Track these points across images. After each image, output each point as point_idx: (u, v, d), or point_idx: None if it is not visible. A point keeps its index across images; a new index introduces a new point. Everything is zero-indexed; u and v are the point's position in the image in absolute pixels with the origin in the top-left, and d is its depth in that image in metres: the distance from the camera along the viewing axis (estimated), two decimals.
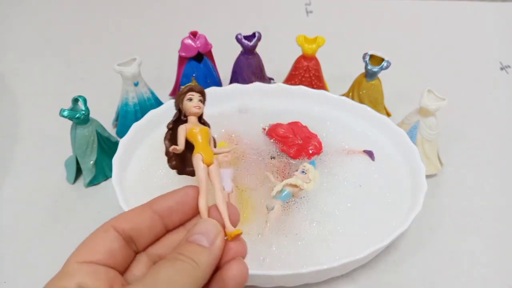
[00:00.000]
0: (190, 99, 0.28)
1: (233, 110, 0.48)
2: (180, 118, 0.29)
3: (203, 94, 0.29)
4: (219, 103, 0.48)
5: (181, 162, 0.29)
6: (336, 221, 0.38)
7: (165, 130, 0.29)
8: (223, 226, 0.24)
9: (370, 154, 0.43)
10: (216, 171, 0.27)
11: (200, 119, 0.29)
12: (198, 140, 0.27)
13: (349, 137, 0.46)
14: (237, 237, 0.24)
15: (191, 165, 0.27)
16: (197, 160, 0.26)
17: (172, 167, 0.28)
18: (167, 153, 0.28)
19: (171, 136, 0.28)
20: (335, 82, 0.55)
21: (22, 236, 0.41)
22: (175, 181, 0.41)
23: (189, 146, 0.27)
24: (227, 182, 0.39)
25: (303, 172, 0.39)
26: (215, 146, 0.30)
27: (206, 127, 0.28)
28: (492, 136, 0.53)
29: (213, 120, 0.31)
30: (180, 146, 0.27)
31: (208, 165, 0.26)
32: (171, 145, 0.27)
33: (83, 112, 0.41)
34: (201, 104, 0.28)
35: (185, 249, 0.23)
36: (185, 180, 0.29)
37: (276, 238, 0.36)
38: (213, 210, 0.25)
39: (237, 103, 0.48)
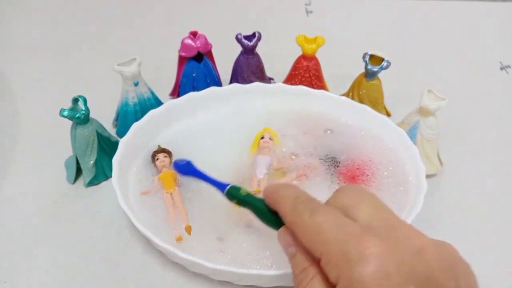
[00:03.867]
0: (157, 158, 0.42)
1: (232, 111, 0.48)
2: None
3: (165, 151, 0.43)
4: (219, 103, 0.48)
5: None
6: None
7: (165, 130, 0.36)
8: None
9: None
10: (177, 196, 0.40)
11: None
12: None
13: (349, 137, 0.46)
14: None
15: None
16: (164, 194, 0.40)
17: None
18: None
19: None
20: (335, 82, 0.55)
21: (22, 236, 0.41)
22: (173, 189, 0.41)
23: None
24: (261, 169, 0.41)
25: None
26: None
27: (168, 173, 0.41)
28: (492, 136, 0.53)
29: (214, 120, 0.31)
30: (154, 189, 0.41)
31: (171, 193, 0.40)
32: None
33: (83, 112, 0.41)
34: (165, 159, 0.42)
35: None
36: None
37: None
38: None
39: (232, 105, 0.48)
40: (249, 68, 0.52)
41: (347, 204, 0.25)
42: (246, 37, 0.50)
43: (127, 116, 0.48)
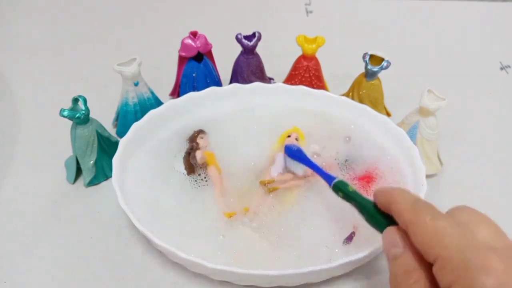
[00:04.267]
0: (202, 137, 0.45)
1: (232, 110, 0.48)
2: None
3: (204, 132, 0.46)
4: (219, 103, 0.48)
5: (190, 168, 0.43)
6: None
7: (165, 130, 0.42)
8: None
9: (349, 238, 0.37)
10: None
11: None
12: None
13: (349, 137, 0.46)
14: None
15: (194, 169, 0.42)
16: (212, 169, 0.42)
17: (188, 173, 0.42)
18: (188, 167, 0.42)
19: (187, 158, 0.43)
20: (335, 82, 0.56)
21: (22, 236, 0.41)
22: (175, 180, 0.41)
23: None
24: (278, 167, 0.42)
25: None
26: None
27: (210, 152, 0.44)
28: (492, 136, 0.53)
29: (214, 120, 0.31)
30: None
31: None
32: (188, 163, 0.43)
33: (83, 112, 0.41)
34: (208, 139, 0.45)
35: None
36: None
37: (276, 236, 0.37)
38: None
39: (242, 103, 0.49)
40: (249, 68, 0.52)
41: (467, 220, 0.25)
42: (246, 37, 0.50)
43: (127, 116, 0.48)
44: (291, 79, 0.53)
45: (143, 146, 0.44)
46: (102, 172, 0.45)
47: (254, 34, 0.50)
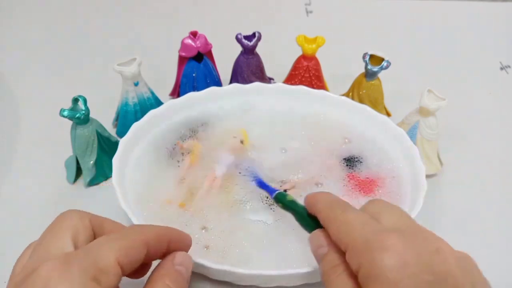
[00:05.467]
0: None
1: (233, 109, 0.48)
2: None
3: None
4: (219, 103, 0.48)
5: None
6: None
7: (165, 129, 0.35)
8: None
9: None
10: None
11: None
12: None
13: (349, 138, 0.46)
14: None
15: None
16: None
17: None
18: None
19: None
20: (335, 82, 0.55)
21: (22, 236, 0.40)
22: (174, 180, 0.41)
23: None
24: (222, 167, 0.42)
25: None
26: None
27: None
28: (492, 136, 0.53)
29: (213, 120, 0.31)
30: None
31: None
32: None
33: (83, 112, 0.41)
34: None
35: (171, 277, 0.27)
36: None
37: (282, 236, 0.37)
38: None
39: (240, 101, 0.49)
40: (249, 68, 0.52)
41: (375, 212, 0.27)
42: (246, 37, 0.50)
43: (127, 116, 0.48)
44: (291, 79, 0.53)
45: (143, 146, 0.44)
46: (102, 172, 0.45)
47: (254, 34, 0.50)
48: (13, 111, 0.54)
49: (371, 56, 0.48)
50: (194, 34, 0.50)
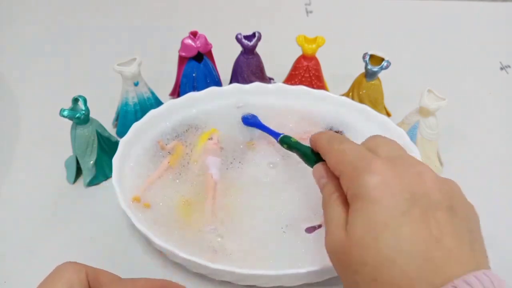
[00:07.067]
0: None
1: (232, 109, 0.48)
2: None
3: None
4: (219, 103, 0.48)
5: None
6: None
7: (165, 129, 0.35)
8: None
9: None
10: None
11: None
12: None
13: (349, 137, 0.46)
14: None
15: None
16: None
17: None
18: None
19: None
20: (335, 82, 0.55)
21: (22, 236, 0.41)
22: (175, 180, 0.41)
23: None
24: (216, 170, 0.42)
25: None
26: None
27: None
28: (492, 136, 0.53)
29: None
30: None
31: None
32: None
33: (83, 112, 0.41)
34: None
35: None
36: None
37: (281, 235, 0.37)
38: None
39: (235, 100, 0.49)
40: (249, 68, 0.52)
41: (372, 145, 0.29)
42: (246, 37, 0.50)
43: (127, 116, 0.48)
44: (291, 79, 0.53)
45: (143, 146, 0.44)
46: (102, 172, 0.45)
47: (254, 34, 0.50)
48: (13, 111, 0.54)
49: (371, 56, 0.48)
50: (194, 34, 0.50)
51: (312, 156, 0.34)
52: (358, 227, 0.25)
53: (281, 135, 0.40)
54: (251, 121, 0.46)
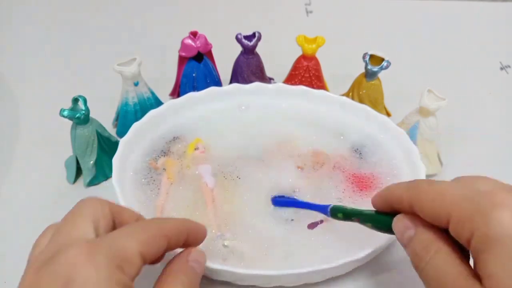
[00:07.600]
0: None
1: (233, 109, 0.48)
2: None
3: None
4: (219, 103, 0.48)
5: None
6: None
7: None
8: None
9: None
10: None
11: None
12: None
13: (349, 137, 0.46)
14: None
15: None
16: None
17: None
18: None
19: None
20: (335, 82, 0.55)
21: (22, 236, 0.40)
22: (174, 181, 0.41)
23: None
24: (210, 178, 0.41)
25: None
26: None
27: None
28: (492, 136, 0.53)
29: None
30: None
31: None
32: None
33: (83, 112, 0.41)
34: None
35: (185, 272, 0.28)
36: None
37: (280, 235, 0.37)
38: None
39: (237, 101, 0.49)
40: (249, 68, 0.52)
41: (465, 180, 0.25)
42: (246, 37, 0.50)
43: (127, 116, 0.48)
44: (291, 79, 0.53)
45: (143, 146, 0.44)
46: (102, 172, 0.45)
47: (254, 34, 0.50)
48: (13, 111, 0.54)
49: (371, 56, 0.48)
50: (194, 34, 0.50)
51: (381, 216, 0.30)
52: (507, 275, 0.20)
53: (330, 206, 0.34)
54: (282, 202, 0.39)
